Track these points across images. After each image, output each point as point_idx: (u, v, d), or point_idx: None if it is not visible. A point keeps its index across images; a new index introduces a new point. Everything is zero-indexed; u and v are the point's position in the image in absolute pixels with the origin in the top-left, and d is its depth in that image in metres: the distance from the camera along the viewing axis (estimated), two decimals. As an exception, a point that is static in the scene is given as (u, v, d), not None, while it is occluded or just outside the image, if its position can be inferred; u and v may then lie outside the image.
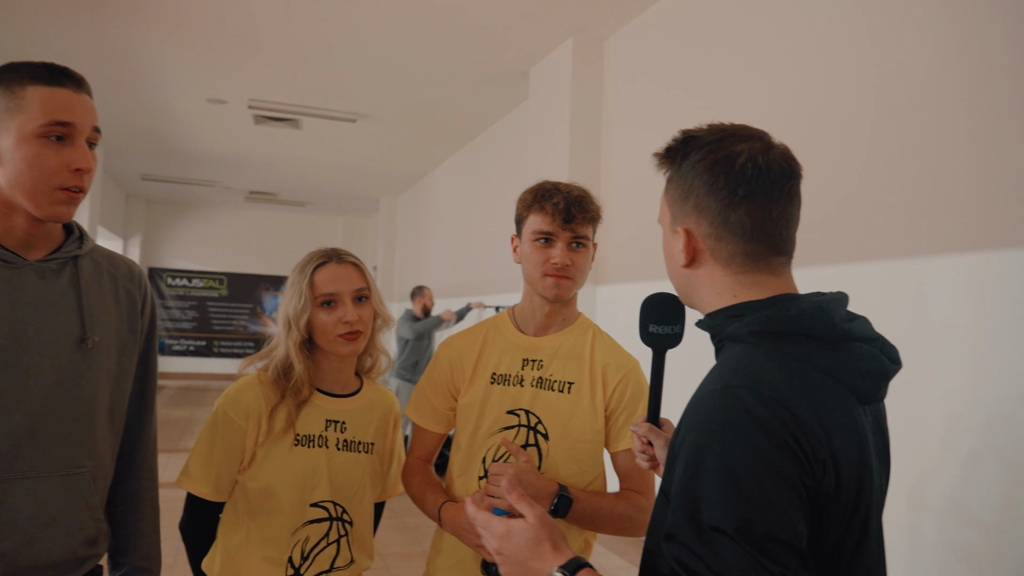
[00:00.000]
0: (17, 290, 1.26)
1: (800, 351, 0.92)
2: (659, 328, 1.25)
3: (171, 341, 13.57)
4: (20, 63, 1.26)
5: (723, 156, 0.98)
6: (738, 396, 0.86)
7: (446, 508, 1.57)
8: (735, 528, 0.80)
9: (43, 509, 1.26)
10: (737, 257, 0.99)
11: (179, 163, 9.58)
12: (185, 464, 1.61)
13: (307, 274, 1.60)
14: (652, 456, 1.27)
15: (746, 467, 0.82)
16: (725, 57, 3.80)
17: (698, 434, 0.86)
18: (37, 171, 1.22)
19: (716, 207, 0.98)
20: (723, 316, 1.00)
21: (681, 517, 0.84)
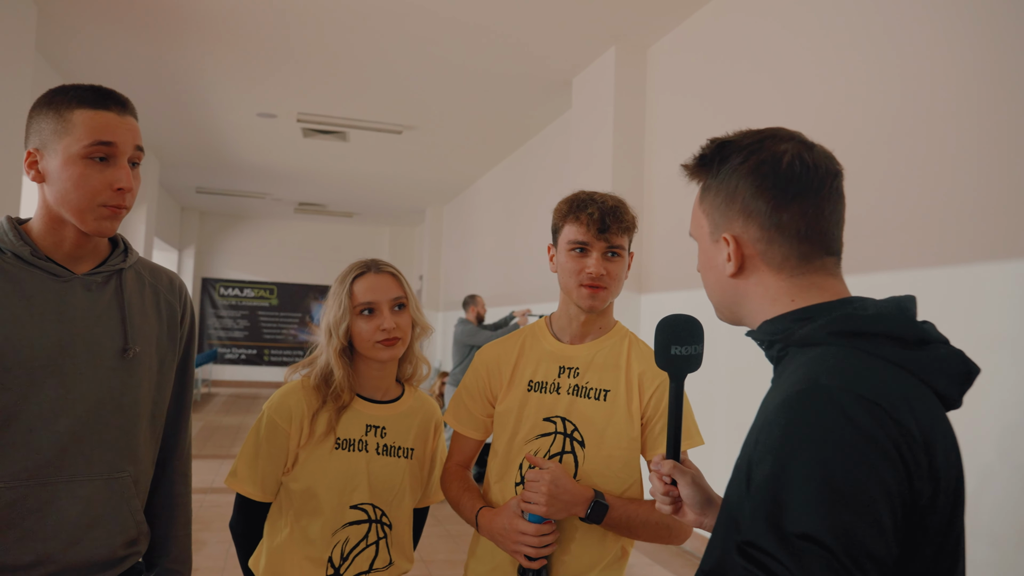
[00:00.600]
0: (65, 303, 1.32)
1: (885, 352, 0.86)
2: (681, 349, 1.19)
3: (223, 350, 13.89)
4: (69, 86, 1.33)
5: (768, 156, 0.94)
6: (833, 396, 0.79)
7: (483, 513, 1.60)
8: (831, 537, 0.73)
9: (87, 511, 1.32)
10: (791, 259, 0.94)
11: (231, 176, 9.84)
12: (233, 465, 1.68)
13: (347, 284, 1.67)
14: (676, 497, 1.18)
15: (844, 471, 0.75)
16: (768, 65, 3.77)
17: (783, 436, 0.79)
18: (81, 190, 1.29)
19: (765, 209, 0.93)
20: (788, 320, 0.93)
21: (762, 524, 0.77)
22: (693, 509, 1.16)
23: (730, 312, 1.03)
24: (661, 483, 1.18)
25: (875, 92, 3.10)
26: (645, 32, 4.73)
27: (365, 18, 4.69)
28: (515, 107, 6.35)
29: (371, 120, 6.85)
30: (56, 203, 1.31)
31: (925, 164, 2.83)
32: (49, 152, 1.30)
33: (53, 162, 1.30)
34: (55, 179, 1.30)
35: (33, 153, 1.32)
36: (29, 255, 1.31)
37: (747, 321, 1.01)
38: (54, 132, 1.30)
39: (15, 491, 1.26)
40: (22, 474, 1.26)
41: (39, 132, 1.32)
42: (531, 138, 7.35)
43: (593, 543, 1.56)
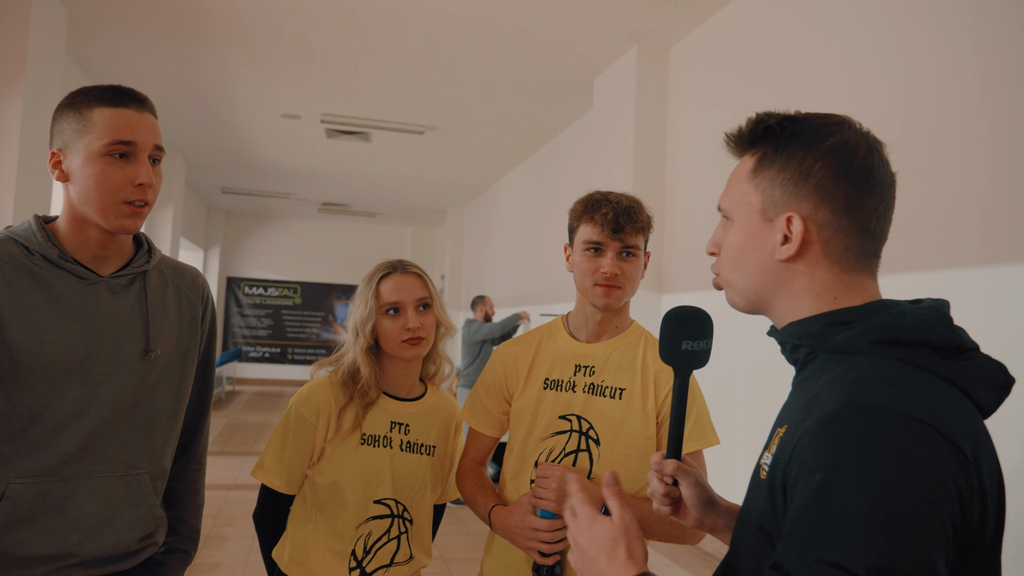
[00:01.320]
0: (91, 305, 1.35)
1: (925, 362, 0.82)
2: (692, 344, 1.14)
3: (247, 348, 14.05)
4: (90, 87, 1.36)
5: (846, 140, 0.89)
6: (879, 418, 0.74)
7: (496, 511, 1.62)
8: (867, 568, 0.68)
9: (106, 506, 1.36)
10: (850, 252, 0.89)
11: (256, 176, 9.95)
12: (260, 457, 1.72)
13: (373, 284, 1.71)
14: (676, 498, 1.13)
15: (890, 502, 0.70)
16: (793, 65, 3.76)
17: (828, 461, 0.73)
18: (103, 187, 1.32)
19: (843, 194, 0.88)
20: (819, 324, 0.89)
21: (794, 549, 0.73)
22: (695, 509, 1.11)
23: (758, 298, 0.95)
24: (662, 484, 1.13)
25: (903, 93, 3.07)
26: (667, 32, 4.73)
27: (388, 20, 4.73)
28: (537, 108, 6.37)
29: (393, 121, 6.90)
30: (79, 202, 1.34)
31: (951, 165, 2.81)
32: (71, 151, 1.33)
33: (75, 161, 1.33)
34: (77, 177, 1.33)
35: (56, 153, 1.35)
36: (57, 257, 1.33)
37: (776, 313, 0.95)
38: (75, 131, 1.33)
39: (38, 487, 1.30)
40: (44, 471, 1.30)
41: (61, 133, 1.35)
42: (552, 139, 7.36)
43: None
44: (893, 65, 3.11)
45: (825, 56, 3.52)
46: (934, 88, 2.91)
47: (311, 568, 1.66)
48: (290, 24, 4.87)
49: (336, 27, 4.89)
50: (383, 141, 7.65)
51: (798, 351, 0.91)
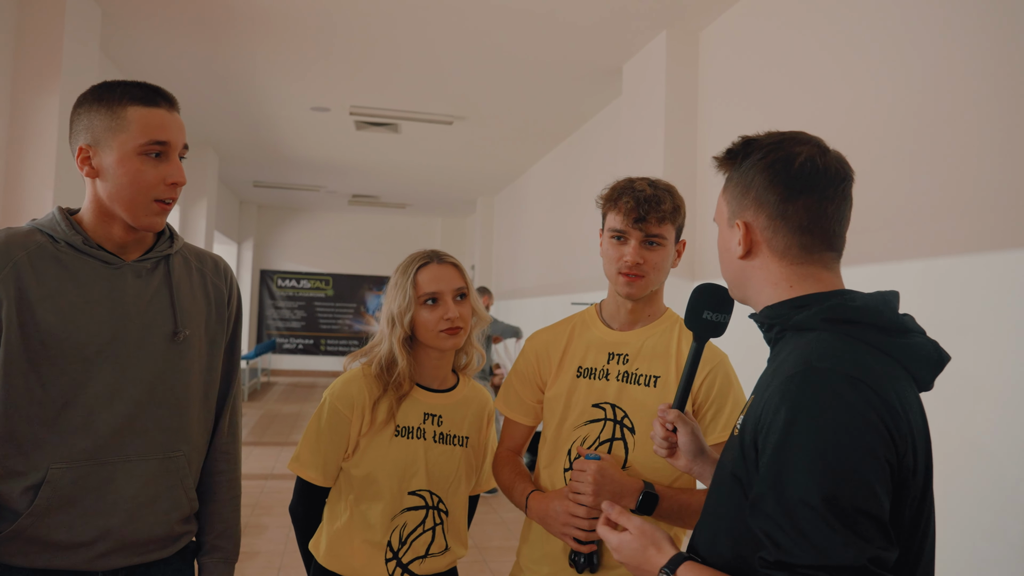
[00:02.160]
0: (117, 289, 1.37)
1: (869, 338, 0.99)
2: (712, 315, 1.32)
3: (281, 340, 14.22)
4: (116, 82, 1.37)
5: (783, 155, 1.06)
6: (825, 377, 0.92)
7: (534, 496, 1.61)
8: (821, 498, 0.85)
9: (144, 489, 1.38)
10: (792, 249, 1.06)
11: (287, 169, 10.03)
12: (296, 450, 1.72)
13: (410, 274, 1.70)
14: (673, 443, 1.34)
15: (835, 444, 0.87)
16: (828, 47, 3.68)
17: (786, 413, 0.91)
18: (137, 185, 1.34)
19: (774, 200, 1.06)
20: (787, 307, 1.06)
21: (766, 489, 0.90)
22: (686, 456, 1.33)
23: (739, 291, 1.16)
24: (663, 428, 1.34)
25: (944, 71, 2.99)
26: (696, 15, 4.65)
27: (414, 8, 4.73)
28: (565, 95, 6.32)
29: (422, 112, 6.90)
30: (109, 198, 1.36)
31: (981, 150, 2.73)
32: (103, 148, 1.35)
33: (108, 158, 1.35)
34: (110, 175, 1.35)
35: (85, 149, 1.36)
36: (81, 244, 1.36)
37: (752, 301, 1.14)
38: (108, 129, 1.34)
39: (76, 471, 1.32)
40: (82, 455, 1.33)
41: (90, 129, 1.35)
42: (581, 126, 7.30)
43: None
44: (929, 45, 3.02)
45: (860, 36, 3.44)
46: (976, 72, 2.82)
47: (347, 560, 1.66)
48: (318, 16, 4.88)
49: (363, 18, 4.89)
50: (412, 132, 7.66)
51: (771, 331, 1.09)
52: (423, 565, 1.68)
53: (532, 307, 8.76)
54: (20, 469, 1.30)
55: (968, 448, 2.43)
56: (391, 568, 1.65)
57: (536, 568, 1.64)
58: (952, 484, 2.45)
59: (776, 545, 0.87)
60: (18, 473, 1.30)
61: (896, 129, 3.05)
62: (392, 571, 1.65)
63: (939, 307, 2.61)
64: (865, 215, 2.95)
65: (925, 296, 2.68)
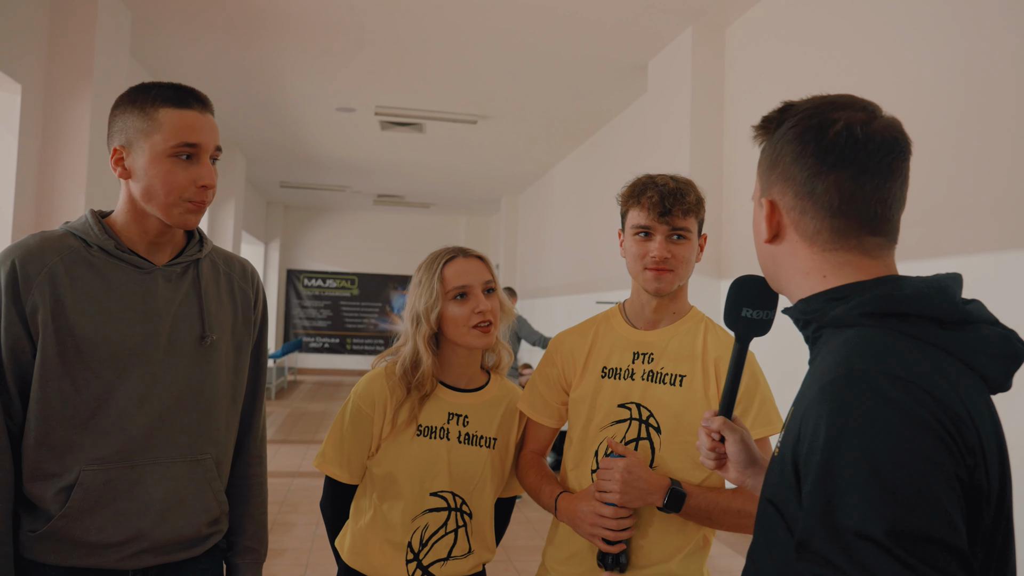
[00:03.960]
0: (148, 294, 1.39)
1: (922, 332, 0.83)
2: (752, 312, 1.17)
3: (307, 339, 14.34)
4: (150, 84, 1.39)
5: (816, 123, 0.91)
6: (870, 381, 0.76)
7: (563, 497, 1.60)
8: (885, 531, 0.70)
9: (174, 491, 1.39)
10: (823, 233, 0.91)
11: (313, 170, 10.11)
12: (321, 448, 1.73)
13: (436, 270, 1.67)
14: (722, 454, 1.19)
15: (891, 459, 0.72)
16: (856, 43, 3.62)
17: (827, 428, 0.76)
18: (168, 186, 1.35)
19: (802, 176, 0.91)
20: (822, 300, 0.90)
21: (815, 523, 0.74)
22: (737, 467, 1.17)
23: (772, 278, 1.02)
24: (709, 439, 1.19)
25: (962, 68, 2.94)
26: (722, 11, 4.61)
27: (438, 8, 4.74)
28: (590, 93, 6.30)
29: (446, 111, 6.92)
30: (142, 198, 1.38)
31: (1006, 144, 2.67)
32: (136, 150, 1.36)
33: (140, 159, 1.36)
34: (142, 175, 1.36)
35: (119, 150, 1.38)
36: (114, 248, 1.37)
37: (786, 292, 0.99)
38: (140, 130, 1.36)
39: (107, 472, 1.34)
40: (113, 457, 1.34)
41: (124, 130, 1.37)
42: (606, 124, 7.28)
43: (673, 530, 1.55)
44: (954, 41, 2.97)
45: (890, 28, 3.39)
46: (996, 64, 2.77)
47: (369, 559, 1.66)
48: (343, 17, 4.92)
49: (388, 19, 4.92)
50: (436, 132, 7.68)
51: (808, 328, 0.93)
52: (444, 568, 1.66)
53: (557, 306, 8.74)
54: (53, 471, 1.32)
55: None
56: (411, 569, 1.64)
57: (562, 569, 1.63)
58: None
59: None
60: (51, 475, 1.32)
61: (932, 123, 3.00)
62: (412, 572, 1.64)
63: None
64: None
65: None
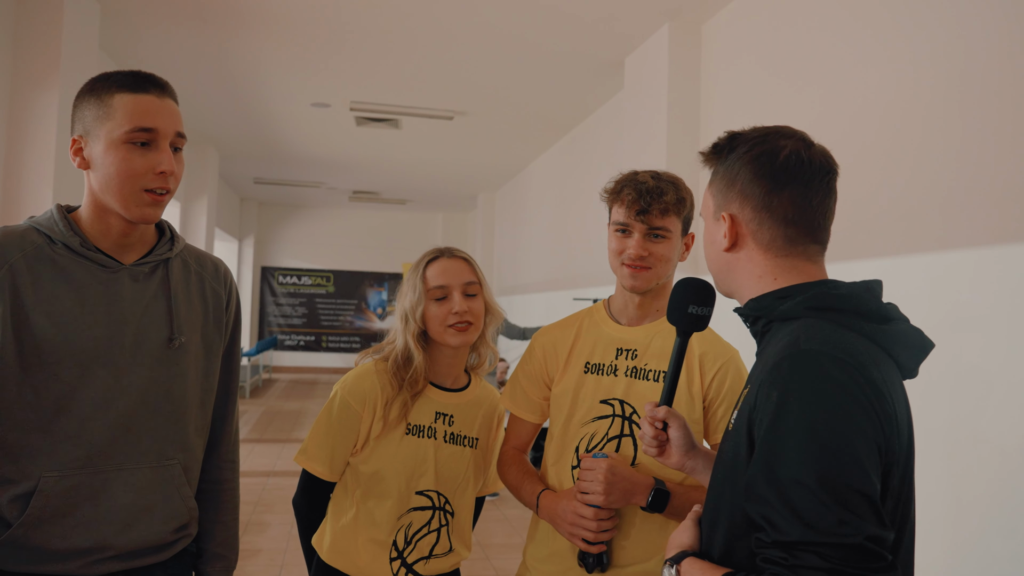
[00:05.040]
0: (113, 294, 1.34)
1: (853, 324, 1.00)
2: (697, 309, 1.32)
3: (283, 336, 14.22)
4: (111, 73, 1.36)
5: (768, 148, 1.08)
6: (814, 358, 0.93)
7: (545, 495, 1.60)
8: (815, 479, 0.86)
9: (139, 498, 1.35)
10: (777, 241, 1.08)
11: (288, 166, 10.01)
12: (303, 443, 1.71)
13: (420, 269, 1.71)
14: (663, 442, 1.31)
15: (826, 423, 0.88)
16: (833, 38, 3.65)
17: (777, 396, 0.92)
18: (124, 175, 1.30)
19: (760, 193, 1.08)
20: (771, 298, 1.08)
21: (759, 471, 0.91)
22: (678, 451, 1.31)
23: (725, 284, 1.17)
24: (653, 428, 1.31)
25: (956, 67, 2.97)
26: (699, 8, 4.63)
27: (415, 2, 4.70)
28: (567, 89, 6.30)
29: (422, 107, 6.88)
30: (100, 189, 1.33)
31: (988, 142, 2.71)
32: (92, 138, 1.33)
33: (96, 148, 1.32)
34: (98, 165, 1.32)
35: (77, 140, 1.34)
36: (79, 245, 1.33)
37: (737, 294, 1.15)
38: (96, 118, 1.32)
39: (70, 479, 1.29)
40: (75, 463, 1.30)
41: (82, 119, 1.34)
42: (583, 120, 7.28)
43: (655, 530, 1.55)
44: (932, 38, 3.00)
45: (866, 26, 3.41)
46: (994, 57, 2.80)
47: (352, 557, 1.65)
48: (318, 11, 4.86)
49: (363, 13, 4.87)
50: (412, 128, 7.63)
51: (757, 323, 1.11)
52: (427, 566, 1.67)
53: (535, 303, 8.74)
54: (11, 477, 1.27)
55: (977, 443, 2.41)
56: (395, 567, 1.64)
57: (543, 567, 1.62)
58: (963, 481, 2.44)
59: (772, 525, 0.88)
60: (9, 481, 1.27)
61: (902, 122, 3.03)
62: (396, 571, 1.64)
63: (948, 301, 2.60)
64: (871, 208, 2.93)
65: (935, 290, 2.66)
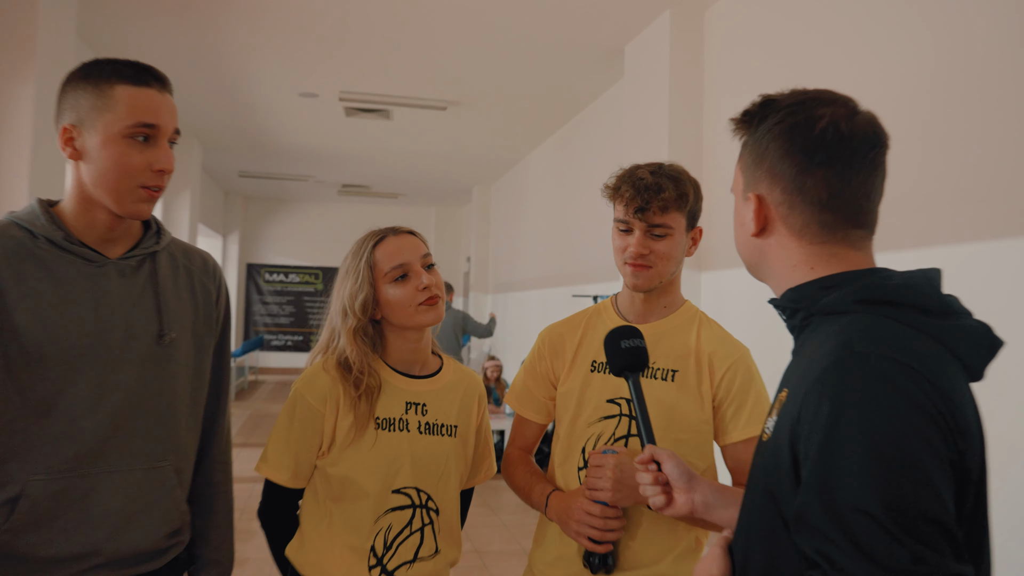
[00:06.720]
0: (100, 289, 1.33)
1: (911, 320, 0.89)
2: (629, 342, 1.35)
3: (269, 336, 14.18)
4: (105, 60, 1.34)
5: (802, 119, 0.97)
6: (872, 363, 0.82)
7: (554, 496, 1.59)
8: (882, 507, 0.75)
9: (130, 502, 1.34)
10: (811, 227, 0.98)
11: (274, 159, 9.98)
12: (264, 450, 1.63)
13: (364, 254, 1.63)
14: (665, 483, 1.21)
15: (890, 438, 0.77)
16: (838, 25, 3.64)
17: (829, 408, 0.81)
18: (121, 170, 1.30)
19: (790, 172, 0.97)
20: (813, 288, 0.97)
21: (812, 498, 0.80)
22: (679, 484, 1.20)
23: (755, 270, 1.07)
24: (649, 473, 1.22)
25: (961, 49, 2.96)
26: (703, -7, 4.62)
27: (407, -11, 4.68)
28: (565, 78, 6.28)
29: (414, 97, 6.85)
30: (93, 183, 1.32)
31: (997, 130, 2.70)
32: (88, 129, 1.31)
33: (92, 140, 1.31)
34: (94, 158, 1.31)
35: (69, 129, 1.32)
36: (62, 240, 1.31)
37: (770, 283, 1.05)
38: (93, 108, 1.30)
39: (57, 483, 1.28)
40: (62, 465, 1.28)
41: (76, 107, 1.32)
42: (582, 111, 7.27)
43: (663, 531, 1.54)
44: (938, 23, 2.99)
45: (873, 8, 3.40)
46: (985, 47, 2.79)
47: (327, 567, 1.57)
48: None
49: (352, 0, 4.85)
50: (404, 119, 7.61)
51: (795, 316, 0.99)
52: (411, 570, 1.58)
53: (532, 300, 8.73)
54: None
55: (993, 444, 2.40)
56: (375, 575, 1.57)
57: (549, 571, 1.62)
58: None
59: (831, 563, 0.77)
60: None
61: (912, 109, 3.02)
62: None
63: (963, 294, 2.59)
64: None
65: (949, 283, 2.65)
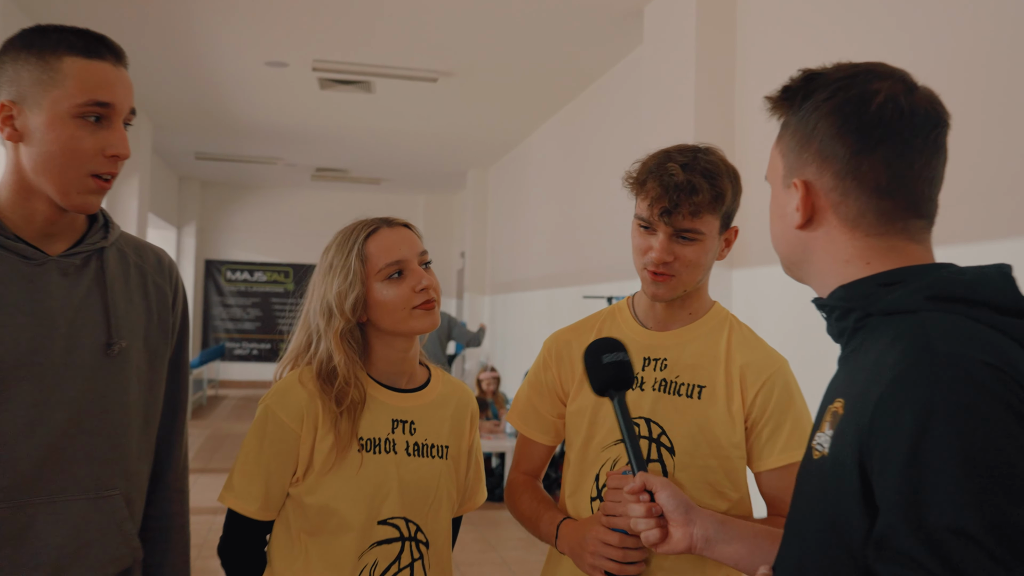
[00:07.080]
0: (40, 291, 1.32)
1: (989, 319, 0.88)
2: (612, 356, 1.36)
3: (232, 344, 14.20)
4: (51, 27, 1.34)
5: (856, 95, 0.97)
6: (959, 366, 0.81)
7: (565, 524, 1.59)
8: (984, 527, 0.75)
9: (72, 537, 1.33)
10: (867, 216, 0.98)
11: (236, 138, 9.99)
12: (228, 477, 1.62)
13: (353, 247, 1.63)
14: (659, 514, 1.24)
15: (989, 449, 0.77)
16: (893, -22, 3.64)
17: (912, 417, 0.80)
18: (69, 155, 1.30)
19: (844, 154, 0.97)
20: (872, 285, 0.97)
21: (898, 520, 0.79)
22: (675, 517, 1.23)
23: (796, 268, 1.08)
24: (641, 504, 1.24)
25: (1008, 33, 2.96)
26: (734, -54, 4.62)
27: (391, -58, 4.69)
28: (574, 45, 6.29)
29: (400, 67, 6.86)
30: (34, 168, 1.32)
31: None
32: (30, 106, 1.31)
33: (35, 119, 1.31)
34: (37, 140, 1.31)
35: (8, 106, 1.32)
36: None
37: (812, 282, 1.06)
38: (38, 83, 1.30)
39: None
40: None
41: (15, 81, 1.32)
42: (594, 82, 7.28)
43: (688, 568, 1.54)
44: None
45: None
46: (1078, 2, 2.79)
47: None
48: (273, -49, 4.85)
49: (329, -47, 4.86)
50: (388, 92, 7.62)
51: (847, 318, 0.99)
52: None
53: (535, 302, 8.74)
54: None
55: None
56: None
57: (562, 613, 1.62)
58: None
59: None
60: None
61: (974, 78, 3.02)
62: None
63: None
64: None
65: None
